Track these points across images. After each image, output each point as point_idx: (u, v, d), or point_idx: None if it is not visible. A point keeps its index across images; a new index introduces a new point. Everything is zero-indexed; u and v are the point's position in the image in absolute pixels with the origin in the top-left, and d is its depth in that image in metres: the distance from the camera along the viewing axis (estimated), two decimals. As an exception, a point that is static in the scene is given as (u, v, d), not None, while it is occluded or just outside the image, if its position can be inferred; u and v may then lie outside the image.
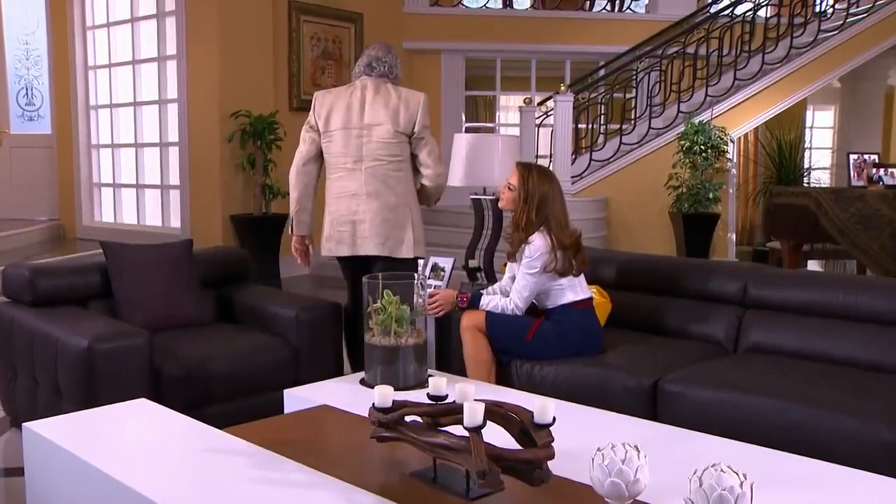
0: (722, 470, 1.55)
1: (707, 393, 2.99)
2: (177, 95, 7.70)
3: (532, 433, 1.82)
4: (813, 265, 7.47)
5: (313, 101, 3.90)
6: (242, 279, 4.26)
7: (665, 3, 10.03)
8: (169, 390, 3.26)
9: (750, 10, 8.98)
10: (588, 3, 10.97)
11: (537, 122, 9.33)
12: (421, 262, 4.49)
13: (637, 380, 3.16)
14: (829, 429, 2.72)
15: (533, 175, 3.41)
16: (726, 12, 8.90)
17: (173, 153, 7.92)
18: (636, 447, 1.71)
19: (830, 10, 8.91)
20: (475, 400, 1.87)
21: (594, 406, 2.90)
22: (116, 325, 3.43)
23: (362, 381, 2.90)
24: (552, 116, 9.82)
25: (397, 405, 2.01)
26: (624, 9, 10.66)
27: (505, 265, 3.76)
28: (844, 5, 9.00)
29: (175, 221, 7.92)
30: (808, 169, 10.12)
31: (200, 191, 7.57)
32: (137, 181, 8.42)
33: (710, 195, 7.84)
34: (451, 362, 3.64)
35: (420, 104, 3.80)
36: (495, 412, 1.87)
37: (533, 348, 3.41)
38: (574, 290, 3.44)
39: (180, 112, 7.67)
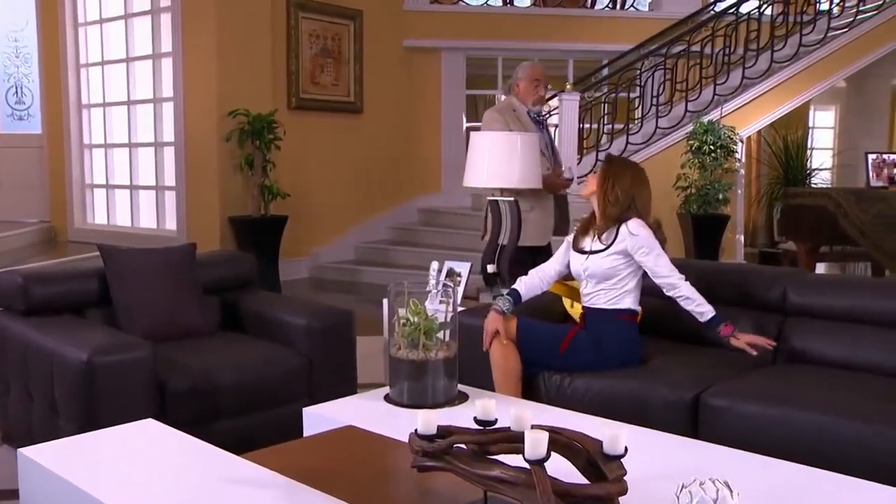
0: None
1: (754, 408, 2.78)
2: (172, 94, 7.47)
3: (601, 465, 1.61)
4: (821, 268, 7.26)
5: None
6: (247, 285, 4.03)
7: (669, 0, 9.85)
8: (174, 406, 3.04)
9: (755, 8, 8.81)
10: (590, 0, 10.79)
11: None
12: (434, 265, 4.28)
13: (677, 393, 2.95)
14: (890, 448, 2.52)
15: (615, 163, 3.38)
16: (731, 10, 8.72)
17: (168, 153, 7.69)
18: (727, 483, 1.51)
19: (837, 9, 8.73)
20: (534, 426, 1.66)
21: (629, 422, 2.70)
22: (117, 335, 3.21)
23: (387, 398, 2.68)
24: (555, 116, 9.64)
25: (443, 431, 1.79)
26: (627, 7, 10.49)
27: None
28: (853, 3, 8.83)
29: (171, 223, 7.68)
30: (814, 169, 9.94)
31: (197, 192, 7.34)
32: (131, 182, 8.18)
33: (720, 196, 7.66)
34: (470, 373, 3.42)
35: (484, 118, 4.56)
36: (557, 441, 1.65)
37: (565, 359, 3.20)
38: (633, 298, 3.26)
39: (176, 111, 7.44)
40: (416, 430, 1.82)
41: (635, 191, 3.23)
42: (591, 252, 3.25)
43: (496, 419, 1.87)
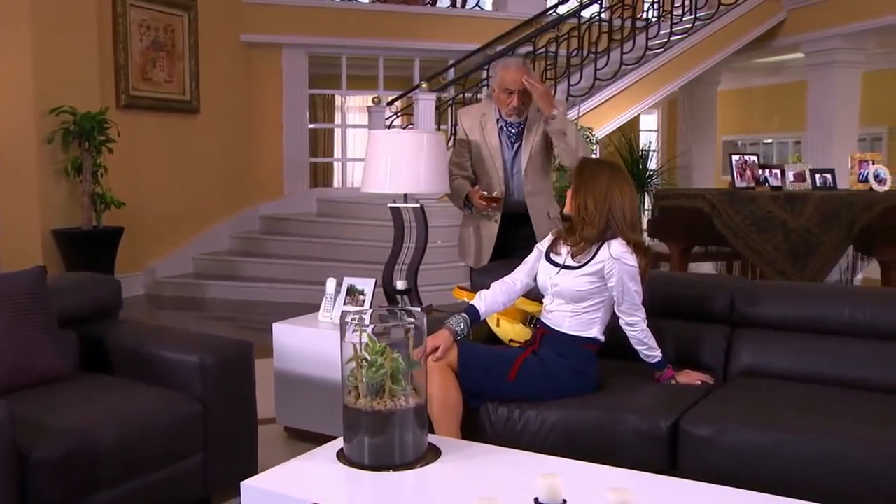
0: None
1: (745, 435, 2.48)
2: (-24, 87, 6.39)
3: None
4: (692, 268, 7.31)
5: None
6: (111, 314, 3.33)
7: (514, 1, 9.75)
8: (40, 482, 2.34)
9: (596, 14, 8.87)
10: (431, -1, 10.53)
11: (387, 122, 8.79)
12: (331, 283, 3.77)
13: (651, 421, 2.62)
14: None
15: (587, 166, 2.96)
16: (574, 14, 8.73)
17: (-27, 157, 6.58)
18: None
19: (675, 17, 8.93)
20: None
21: (594, 459, 2.35)
22: (-45, 393, 2.47)
23: (341, 457, 2.15)
24: (402, 117, 9.29)
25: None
26: (471, 6, 10.30)
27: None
28: (681, 11, 9.08)
29: (-23, 239, 6.58)
30: (656, 171, 10.19)
31: (11, 201, 6.31)
32: (-76, 191, 6.95)
33: (581, 198, 7.55)
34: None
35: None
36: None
37: (513, 389, 2.80)
38: (600, 328, 2.89)
39: (-18, 107, 6.37)
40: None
41: (611, 198, 2.82)
42: (564, 266, 2.87)
43: (564, 500, 1.42)
